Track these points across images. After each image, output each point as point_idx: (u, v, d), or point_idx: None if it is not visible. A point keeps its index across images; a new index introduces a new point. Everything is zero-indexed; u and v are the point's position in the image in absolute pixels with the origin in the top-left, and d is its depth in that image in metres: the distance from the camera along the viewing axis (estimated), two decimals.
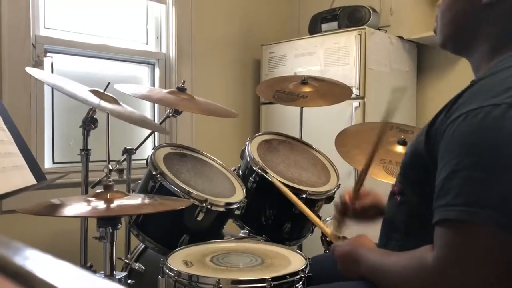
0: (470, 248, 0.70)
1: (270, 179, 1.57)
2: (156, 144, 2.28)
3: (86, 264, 1.62)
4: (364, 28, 2.43)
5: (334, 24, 2.63)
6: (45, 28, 2.19)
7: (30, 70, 1.46)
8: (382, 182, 1.53)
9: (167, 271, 1.17)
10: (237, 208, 1.54)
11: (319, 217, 1.77)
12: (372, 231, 1.09)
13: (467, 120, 0.72)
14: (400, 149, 1.63)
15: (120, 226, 1.16)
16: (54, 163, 2.24)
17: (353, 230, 1.63)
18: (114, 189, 1.15)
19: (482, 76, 0.80)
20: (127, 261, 1.60)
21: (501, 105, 0.70)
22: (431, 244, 0.76)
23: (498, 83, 0.75)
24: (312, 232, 1.81)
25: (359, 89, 2.41)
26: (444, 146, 0.76)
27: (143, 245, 1.61)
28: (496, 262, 0.69)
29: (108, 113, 1.19)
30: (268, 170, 1.64)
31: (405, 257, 0.81)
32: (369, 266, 0.90)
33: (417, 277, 0.77)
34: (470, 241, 0.70)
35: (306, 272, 1.17)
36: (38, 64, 2.12)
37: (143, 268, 1.57)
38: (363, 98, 2.41)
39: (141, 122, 1.66)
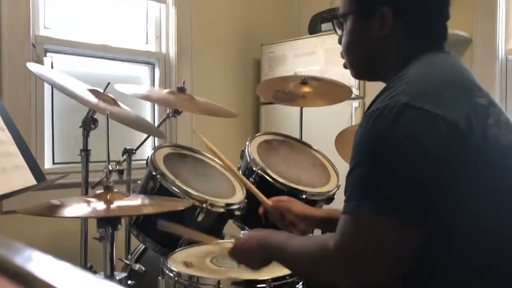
0: (360, 236, 0.78)
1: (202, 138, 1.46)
2: (156, 145, 2.27)
3: (86, 264, 1.61)
4: None
5: None
6: (45, 28, 2.19)
7: (31, 65, 1.45)
8: None
9: (167, 272, 1.17)
10: (237, 209, 1.53)
11: None
12: None
13: (360, 123, 0.82)
14: None
15: (120, 226, 1.16)
16: (54, 163, 2.24)
17: None
18: (114, 190, 1.15)
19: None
20: (127, 262, 1.60)
21: (389, 105, 0.77)
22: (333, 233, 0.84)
23: (395, 86, 0.82)
24: (312, 232, 1.80)
25: (359, 89, 2.41)
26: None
27: (143, 246, 1.61)
28: (386, 248, 0.76)
29: (108, 114, 1.19)
30: (268, 171, 1.63)
31: (310, 242, 0.88)
32: (273, 247, 0.95)
33: (319, 261, 0.85)
34: (359, 230, 0.78)
35: None
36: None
37: (143, 269, 1.56)
38: (363, 98, 2.41)
39: (139, 126, 1.66)
